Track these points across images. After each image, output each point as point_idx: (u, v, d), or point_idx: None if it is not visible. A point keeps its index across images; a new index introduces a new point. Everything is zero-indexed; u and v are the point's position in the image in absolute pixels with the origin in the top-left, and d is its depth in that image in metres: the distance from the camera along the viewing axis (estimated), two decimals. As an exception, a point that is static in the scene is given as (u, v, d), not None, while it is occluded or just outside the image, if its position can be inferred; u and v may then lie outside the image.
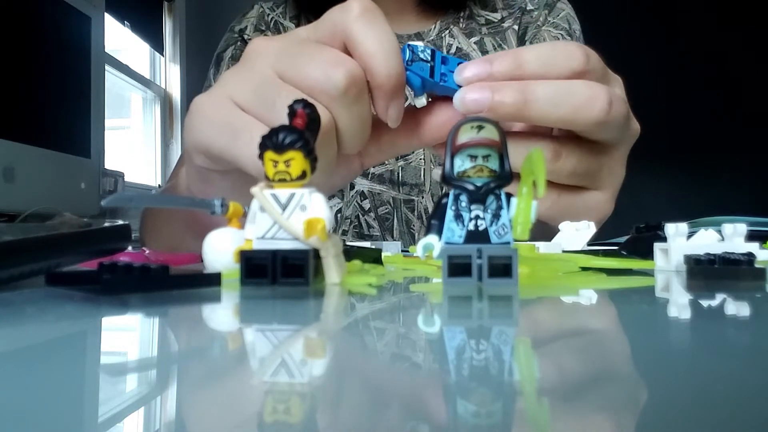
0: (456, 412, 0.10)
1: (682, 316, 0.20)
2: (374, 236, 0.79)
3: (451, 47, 0.82)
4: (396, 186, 0.79)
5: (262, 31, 0.83)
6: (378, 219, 0.79)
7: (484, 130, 0.25)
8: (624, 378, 0.12)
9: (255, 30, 0.83)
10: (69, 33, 1.26)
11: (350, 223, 0.79)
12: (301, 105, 0.26)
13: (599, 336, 0.18)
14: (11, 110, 1.08)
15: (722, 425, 0.09)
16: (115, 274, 0.21)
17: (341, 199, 0.79)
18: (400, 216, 0.79)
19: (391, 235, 0.79)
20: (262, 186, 0.25)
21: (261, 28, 0.84)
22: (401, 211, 0.79)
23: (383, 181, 0.79)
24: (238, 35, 0.84)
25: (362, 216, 0.79)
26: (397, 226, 0.79)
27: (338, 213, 0.79)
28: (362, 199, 0.79)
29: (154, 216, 0.61)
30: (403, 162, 0.78)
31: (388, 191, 0.79)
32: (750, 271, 0.27)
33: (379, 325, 0.18)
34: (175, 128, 2.36)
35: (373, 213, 0.79)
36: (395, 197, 0.79)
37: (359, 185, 0.79)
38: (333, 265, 0.26)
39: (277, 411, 0.10)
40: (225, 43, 0.84)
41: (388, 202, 0.79)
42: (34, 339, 0.17)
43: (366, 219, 0.79)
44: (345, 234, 0.79)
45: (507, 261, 0.24)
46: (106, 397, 0.11)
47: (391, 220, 0.79)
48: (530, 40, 0.83)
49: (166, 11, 2.38)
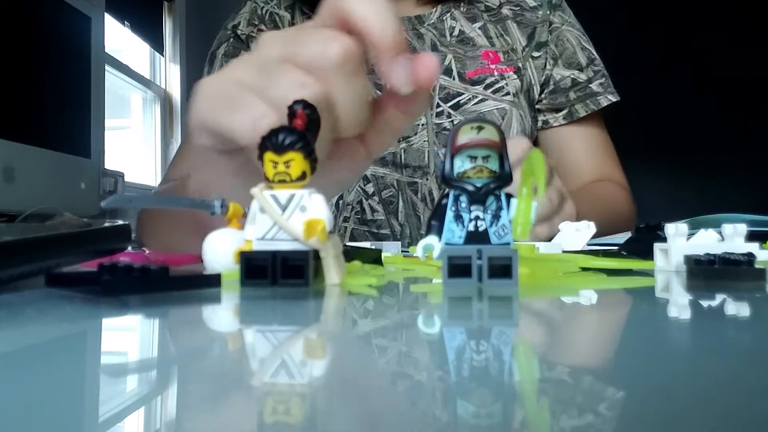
0: (456, 412, 0.10)
1: (682, 317, 0.20)
2: (378, 220, 0.78)
3: (454, 30, 0.82)
4: (399, 168, 0.79)
5: (255, 26, 0.83)
6: (382, 202, 0.79)
7: (484, 130, 0.25)
8: (624, 378, 0.12)
9: (248, 25, 0.84)
10: (69, 33, 1.26)
11: (352, 210, 0.79)
12: (301, 106, 0.26)
13: (599, 336, 0.18)
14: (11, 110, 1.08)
15: (723, 425, 0.09)
16: (115, 275, 0.21)
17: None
18: (406, 198, 0.78)
19: (396, 218, 0.78)
20: (261, 187, 0.25)
21: (254, 22, 0.84)
22: (406, 193, 0.78)
23: (386, 163, 0.79)
24: (231, 31, 0.84)
25: (366, 200, 0.79)
26: (403, 209, 0.78)
27: (340, 200, 0.79)
28: (365, 183, 0.79)
29: (152, 216, 0.61)
30: (405, 144, 0.78)
31: (391, 174, 0.78)
32: (750, 271, 0.27)
33: (379, 326, 0.18)
34: (175, 128, 2.36)
35: (377, 197, 0.79)
36: (399, 180, 0.79)
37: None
38: (333, 266, 0.26)
39: (276, 412, 0.10)
40: (218, 41, 0.85)
41: (392, 185, 0.79)
42: (34, 340, 0.17)
43: (370, 203, 0.79)
44: (347, 221, 0.79)
45: (507, 262, 0.24)
46: (106, 397, 0.11)
47: (395, 203, 0.79)
48: (554, 43, 0.84)
49: (166, 11, 2.38)
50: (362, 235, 0.80)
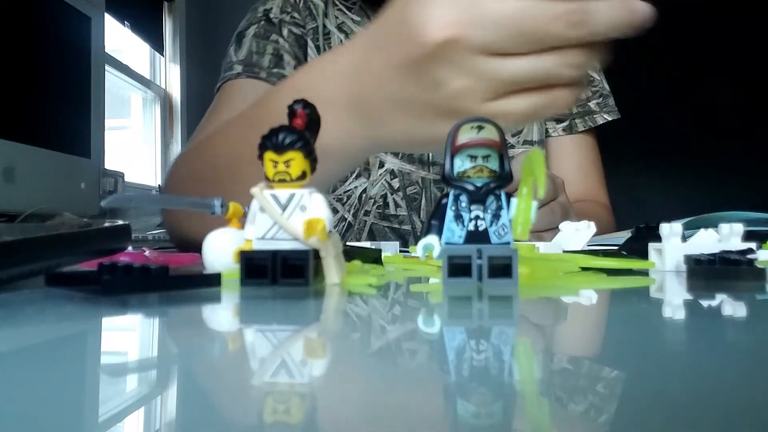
0: (456, 412, 0.10)
1: (681, 317, 0.20)
2: (400, 216, 0.80)
3: None
4: (426, 166, 0.80)
5: (288, 12, 0.83)
6: (406, 198, 0.80)
7: (484, 130, 0.25)
8: (624, 378, 0.12)
9: (281, 11, 0.83)
10: (69, 33, 1.26)
11: (374, 203, 0.80)
12: (301, 105, 0.26)
13: (599, 336, 0.18)
14: (11, 110, 1.08)
15: (723, 426, 0.09)
16: (115, 275, 0.21)
17: (367, 178, 0.79)
18: (429, 196, 0.80)
19: (417, 215, 0.80)
20: (261, 186, 0.25)
21: (287, 9, 0.84)
22: (430, 191, 0.80)
23: (413, 161, 0.80)
24: (263, 14, 0.83)
25: (390, 195, 0.80)
26: (425, 206, 0.80)
27: (363, 193, 0.80)
28: (392, 178, 0.80)
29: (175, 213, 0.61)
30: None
31: (417, 171, 0.80)
32: (750, 271, 0.27)
33: (379, 326, 0.18)
34: (175, 128, 2.36)
35: (402, 192, 0.80)
36: (425, 177, 0.80)
37: (389, 164, 0.79)
38: (333, 266, 0.26)
39: (276, 411, 0.10)
40: (247, 22, 0.84)
41: (416, 182, 0.80)
42: (35, 339, 0.17)
43: (394, 198, 0.80)
44: (367, 215, 0.80)
45: (507, 261, 0.24)
46: (106, 397, 0.11)
47: (419, 200, 0.80)
48: None
49: (166, 11, 2.38)
50: (381, 231, 0.81)
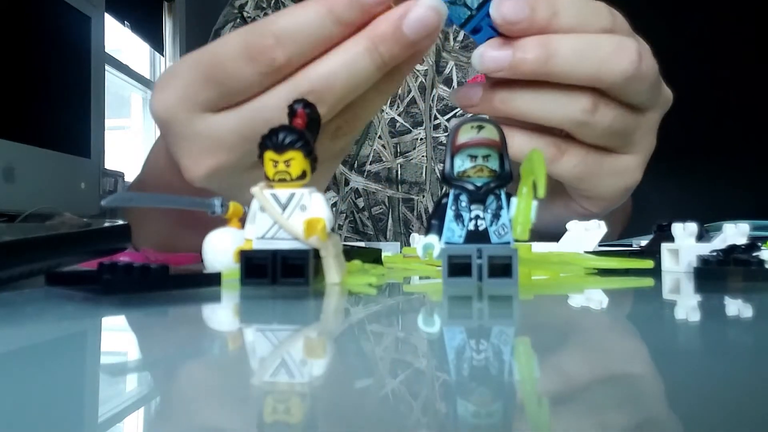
0: (456, 412, 0.10)
1: (683, 316, 0.20)
2: (369, 234, 0.78)
3: (458, 35, 0.81)
4: (394, 184, 0.78)
5: (262, 9, 0.82)
6: (372, 218, 0.78)
7: (484, 130, 0.25)
8: (624, 378, 0.12)
9: (255, 8, 0.83)
10: (69, 33, 1.26)
11: (345, 218, 0.78)
12: (301, 105, 0.26)
13: (599, 336, 0.18)
14: (11, 110, 1.08)
15: (724, 426, 0.09)
16: (115, 274, 0.21)
17: (336, 193, 0.78)
18: (396, 216, 0.77)
19: (384, 236, 0.78)
20: (262, 186, 0.25)
21: (262, 5, 0.83)
22: (398, 211, 0.77)
23: (379, 179, 0.77)
24: (238, 11, 0.82)
25: (356, 213, 0.78)
26: (392, 227, 0.77)
27: (333, 206, 0.78)
28: (356, 197, 0.78)
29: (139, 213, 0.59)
30: (403, 159, 0.77)
31: (383, 191, 0.77)
32: (760, 271, 0.27)
33: (379, 325, 0.18)
34: (175, 128, 2.35)
35: (367, 212, 0.78)
36: (391, 197, 0.78)
37: (354, 182, 0.78)
38: (333, 265, 0.26)
39: (276, 411, 0.10)
40: (224, 19, 0.82)
41: (382, 202, 0.78)
42: (34, 339, 0.17)
43: (360, 217, 0.78)
44: (340, 228, 0.79)
45: (507, 261, 0.24)
46: (106, 396, 0.11)
47: (385, 220, 0.78)
48: None
49: (166, 11, 2.38)
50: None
